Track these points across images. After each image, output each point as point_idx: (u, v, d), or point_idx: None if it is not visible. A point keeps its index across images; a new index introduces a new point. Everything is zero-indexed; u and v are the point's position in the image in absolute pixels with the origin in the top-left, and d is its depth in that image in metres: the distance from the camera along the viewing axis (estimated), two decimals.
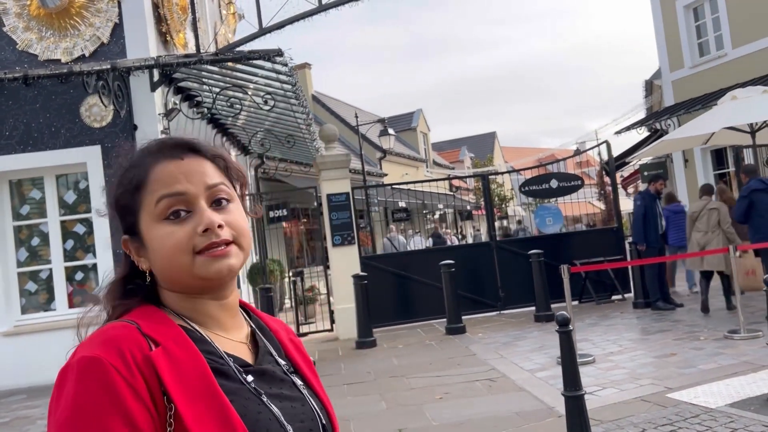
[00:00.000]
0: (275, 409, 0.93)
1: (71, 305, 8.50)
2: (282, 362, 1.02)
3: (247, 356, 0.98)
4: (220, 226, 0.93)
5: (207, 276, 0.93)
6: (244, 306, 1.07)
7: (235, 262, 0.95)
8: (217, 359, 0.93)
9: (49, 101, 8.38)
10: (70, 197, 8.65)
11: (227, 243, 0.94)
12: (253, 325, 1.05)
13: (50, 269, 8.51)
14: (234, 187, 1.01)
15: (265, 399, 0.93)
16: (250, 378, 0.94)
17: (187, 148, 0.98)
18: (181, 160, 0.96)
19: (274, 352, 1.03)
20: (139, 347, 0.87)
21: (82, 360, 0.85)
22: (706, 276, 8.13)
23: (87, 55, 8.39)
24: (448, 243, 17.54)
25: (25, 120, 8.36)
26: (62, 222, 8.56)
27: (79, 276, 8.65)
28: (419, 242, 17.42)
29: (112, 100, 7.73)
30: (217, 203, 0.96)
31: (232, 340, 0.98)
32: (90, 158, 8.35)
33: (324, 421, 0.99)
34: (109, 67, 7.23)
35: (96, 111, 8.40)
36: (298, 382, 1.01)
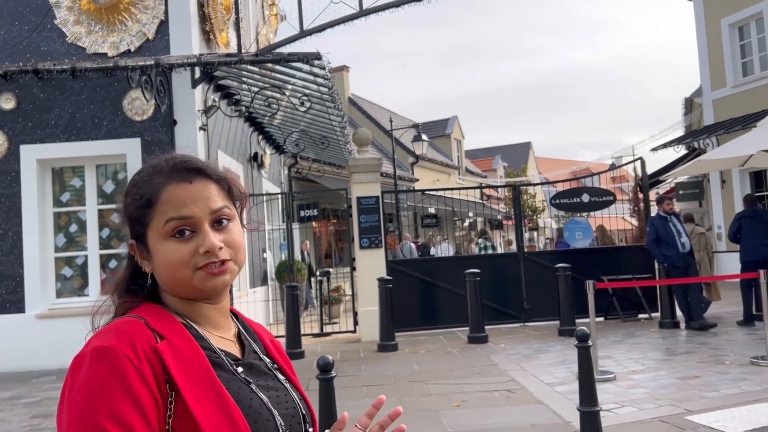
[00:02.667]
0: (263, 396, 1.04)
1: (104, 292, 8.75)
2: (266, 359, 1.14)
3: (236, 352, 1.10)
4: (220, 248, 1.04)
5: (204, 289, 1.05)
6: (232, 311, 1.19)
7: (230, 278, 1.06)
8: (212, 353, 1.03)
9: (93, 93, 8.67)
10: (109, 187, 8.92)
11: (224, 262, 1.05)
12: (240, 327, 1.16)
13: (86, 256, 8.78)
14: (235, 205, 1.11)
15: (254, 387, 1.04)
16: (240, 369, 1.05)
17: (196, 172, 1.07)
18: (190, 184, 1.05)
19: (258, 350, 1.14)
20: (147, 340, 0.97)
21: (97, 348, 0.94)
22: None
23: (132, 50, 8.65)
24: (432, 252, 17.38)
25: (70, 110, 8.65)
26: (100, 211, 8.83)
27: (113, 264, 8.91)
28: (445, 249, 17.40)
29: (154, 94, 7.96)
30: (218, 223, 1.06)
31: (223, 337, 1.09)
32: (130, 150, 8.60)
33: (303, 411, 1.10)
34: (152, 62, 7.45)
35: (138, 104, 8.65)
36: (280, 376, 1.13)
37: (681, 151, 17.83)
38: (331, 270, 13.84)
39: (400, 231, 13.24)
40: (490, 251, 14.34)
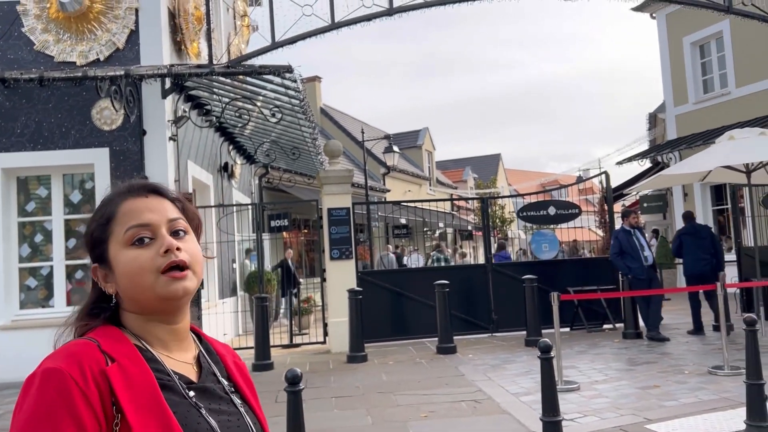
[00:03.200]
0: (212, 421, 1.07)
1: (69, 303, 8.64)
2: (225, 382, 1.17)
3: (192, 375, 1.13)
4: (178, 249, 1.09)
5: (166, 295, 1.08)
6: (195, 331, 1.23)
7: (190, 285, 1.10)
8: (165, 376, 1.07)
9: (61, 102, 8.58)
10: (76, 197, 8.82)
11: (184, 266, 1.09)
12: (202, 349, 1.20)
13: (51, 266, 8.66)
14: (194, 227, 1.18)
15: (204, 412, 1.07)
16: (192, 393, 1.08)
17: (151, 190, 1.15)
18: (146, 197, 1.14)
19: (218, 373, 1.18)
20: (96, 362, 1.01)
21: (45, 371, 0.99)
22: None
23: (102, 59, 8.60)
24: (405, 261, 17.52)
25: (37, 119, 8.55)
26: (66, 221, 8.72)
27: (79, 275, 8.79)
28: (416, 260, 17.51)
29: (124, 104, 7.92)
30: (175, 233, 1.12)
31: (179, 360, 1.13)
32: (98, 160, 8.53)
33: (253, 430, 1.13)
34: (123, 73, 7.43)
35: (107, 114, 8.59)
36: (237, 400, 1.16)
37: (645, 164, 18.28)
38: (301, 281, 13.82)
39: (371, 242, 13.29)
40: (443, 263, 14.56)
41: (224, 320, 10.59)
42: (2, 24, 8.57)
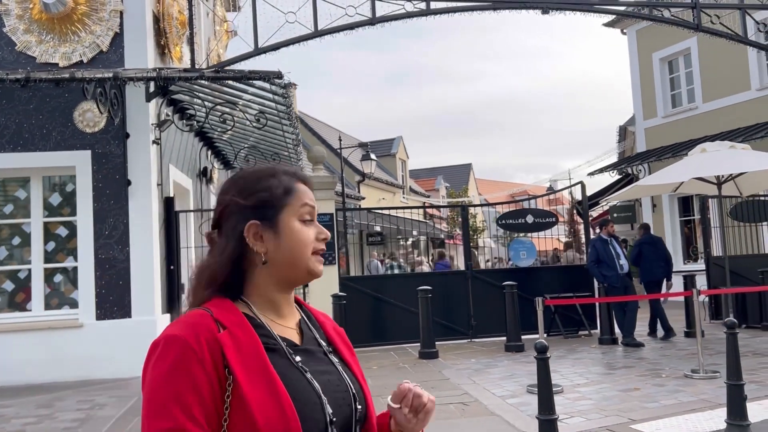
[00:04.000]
0: (316, 384, 1.18)
1: (47, 306, 8.49)
2: (323, 344, 1.28)
3: (296, 339, 1.24)
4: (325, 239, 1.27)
5: (312, 270, 1.25)
6: (297, 301, 1.35)
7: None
8: (271, 340, 1.18)
9: (43, 103, 8.47)
10: (56, 199, 8.70)
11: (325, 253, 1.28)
12: (303, 316, 1.32)
13: (29, 270, 8.51)
14: None
15: (308, 375, 1.18)
16: (297, 358, 1.19)
17: (306, 181, 1.32)
18: (309, 187, 1.31)
19: (318, 337, 1.29)
20: (209, 330, 1.13)
21: (167, 337, 1.13)
22: None
23: (85, 61, 8.52)
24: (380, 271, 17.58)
25: (17, 120, 8.42)
26: (45, 223, 8.59)
27: (57, 278, 8.66)
28: (375, 267, 17.57)
29: (108, 107, 7.86)
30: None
31: (285, 326, 1.24)
32: (79, 162, 8.43)
33: (354, 391, 1.23)
34: (111, 75, 7.38)
35: (89, 116, 8.49)
36: (335, 359, 1.26)
37: (615, 176, 18.75)
38: None
39: (347, 249, 13.34)
40: (396, 271, 14.72)
41: None
42: None
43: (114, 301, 8.33)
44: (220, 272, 1.21)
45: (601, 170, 17.75)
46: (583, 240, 12.00)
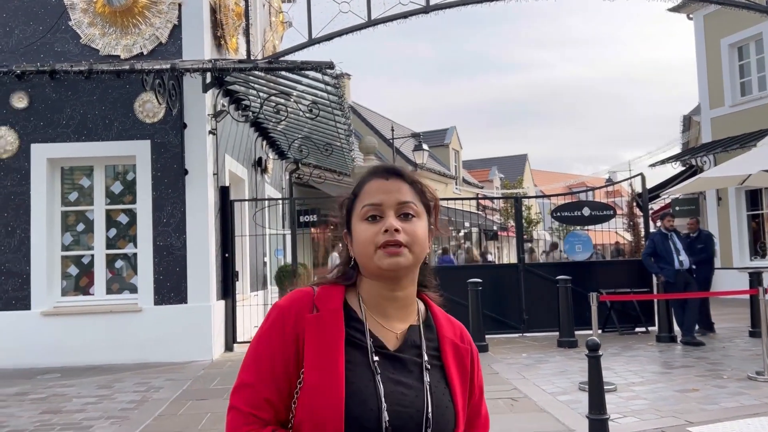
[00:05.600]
0: (381, 387, 1.15)
1: (108, 291, 8.82)
2: (425, 357, 1.23)
3: (391, 343, 1.22)
4: (396, 230, 1.20)
5: (382, 266, 1.20)
6: (428, 305, 1.33)
7: (403, 261, 1.20)
8: (360, 335, 1.20)
9: (105, 94, 8.76)
10: (117, 188, 9.00)
11: (400, 245, 1.19)
12: (421, 322, 1.28)
13: (92, 255, 8.85)
14: (426, 209, 1.29)
15: (378, 378, 1.16)
16: (377, 358, 1.18)
17: (393, 173, 1.28)
18: (386, 180, 1.26)
19: (424, 347, 1.24)
20: (304, 309, 1.21)
21: (275, 304, 1.25)
22: None
23: (145, 53, 8.76)
24: None
25: (81, 110, 8.74)
26: (107, 211, 8.91)
27: (118, 264, 8.98)
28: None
29: (167, 98, 8.06)
30: (404, 216, 1.23)
31: (387, 327, 1.23)
32: (140, 152, 8.70)
33: (431, 413, 1.16)
34: (168, 67, 7.56)
35: (149, 107, 8.75)
36: (427, 378, 1.20)
37: (678, 168, 18.06)
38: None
39: None
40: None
41: (257, 312, 10.72)
42: (50, 17, 8.77)
43: (171, 287, 8.58)
44: (339, 268, 1.30)
45: (663, 161, 17.11)
46: (643, 234, 11.61)
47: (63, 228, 8.88)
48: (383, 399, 1.13)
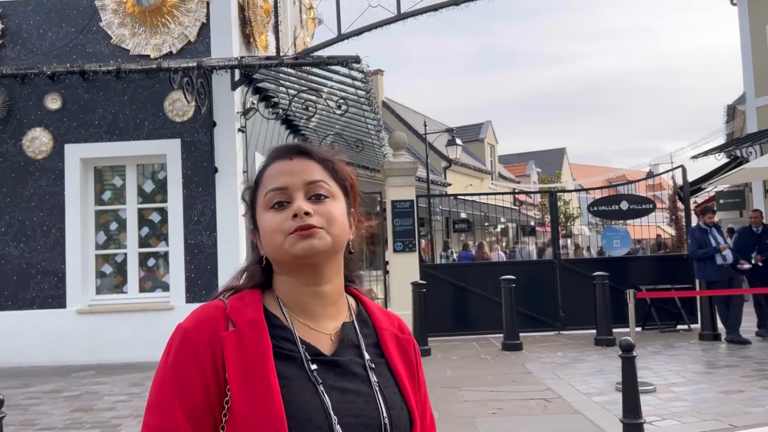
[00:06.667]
0: (327, 400, 1.00)
1: (141, 289, 8.91)
2: (366, 356, 1.08)
3: (326, 346, 1.06)
4: (307, 213, 1.05)
5: (294, 253, 1.04)
6: (360, 299, 1.18)
7: (318, 243, 1.04)
8: (289, 345, 1.03)
9: (136, 94, 8.83)
10: (149, 186, 9.07)
11: (311, 226, 1.05)
12: (355, 317, 1.12)
13: (125, 254, 8.94)
14: (341, 187, 1.13)
15: (321, 389, 1.00)
16: (314, 366, 1.02)
17: (297, 151, 1.13)
18: (290, 160, 1.11)
19: (363, 345, 1.09)
20: (216, 327, 1.03)
21: (177, 327, 1.06)
22: None
23: (174, 52, 8.79)
24: None
25: (113, 111, 8.83)
26: (139, 210, 8.98)
27: (151, 262, 9.05)
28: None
29: (195, 96, 8.07)
30: (316, 197, 1.08)
31: (317, 329, 1.07)
32: (170, 150, 8.74)
33: (386, 419, 1.03)
34: (195, 64, 7.56)
35: (179, 106, 8.78)
36: (376, 377, 1.06)
37: (722, 159, 17.42)
38: (363, 273, 13.83)
39: (432, 235, 13.18)
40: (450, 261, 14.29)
41: None
42: (82, 19, 8.88)
43: (202, 285, 8.61)
44: (249, 269, 1.15)
45: (706, 153, 16.49)
46: (685, 228, 11.20)
47: (96, 227, 8.99)
48: (332, 413, 0.99)
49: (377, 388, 1.05)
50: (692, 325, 9.64)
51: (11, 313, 8.54)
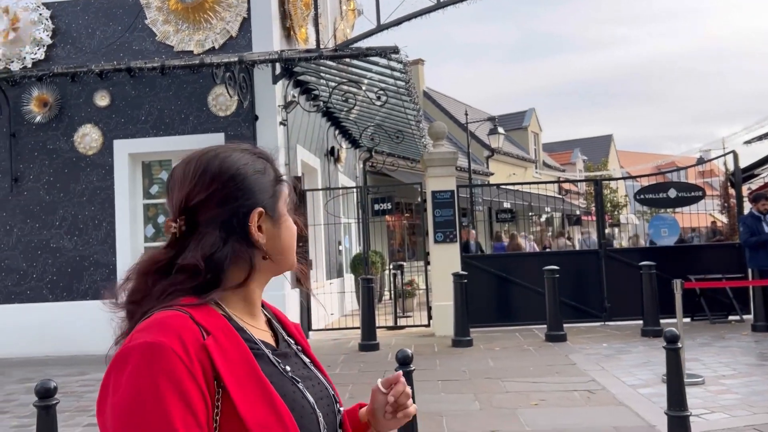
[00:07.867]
0: (309, 396, 1.06)
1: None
2: (292, 344, 1.16)
3: (271, 341, 1.11)
4: None
5: (295, 264, 1.16)
6: None
7: None
8: (254, 345, 1.03)
9: (180, 90, 9.03)
10: None
11: None
12: (268, 314, 1.18)
13: None
14: None
15: (301, 386, 1.06)
16: (288, 368, 1.08)
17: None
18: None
19: (286, 336, 1.17)
20: (195, 336, 0.94)
21: (145, 345, 0.90)
22: None
23: (216, 47, 8.95)
24: None
25: (159, 106, 9.05)
26: None
27: None
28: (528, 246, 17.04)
29: (237, 90, 8.20)
30: None
31: (258, 327, 1.10)
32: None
33: (331, 392, 1.14)
34: (236, 59, 7.68)
35: (222, 100, 8.94)
36: (305, 358, 1.15)
37: None
38: (404, 263, 13.87)
39: (474, 225, 13.09)
40: (478, 252, 14.03)
41: (331, 300, 10.82)
42: (128, 17, 9.11)
43: None
44: (201, 268, 1.01)
45: (761, 137, 15.89)
46: (737, 216, 10.84)
47: (145, 220, 9.26)
48: (310, 398, 1.06)
49: (314, 370, 1.14)
50: (745, 316, 9.34)
51: (67, 303, 8.88)
